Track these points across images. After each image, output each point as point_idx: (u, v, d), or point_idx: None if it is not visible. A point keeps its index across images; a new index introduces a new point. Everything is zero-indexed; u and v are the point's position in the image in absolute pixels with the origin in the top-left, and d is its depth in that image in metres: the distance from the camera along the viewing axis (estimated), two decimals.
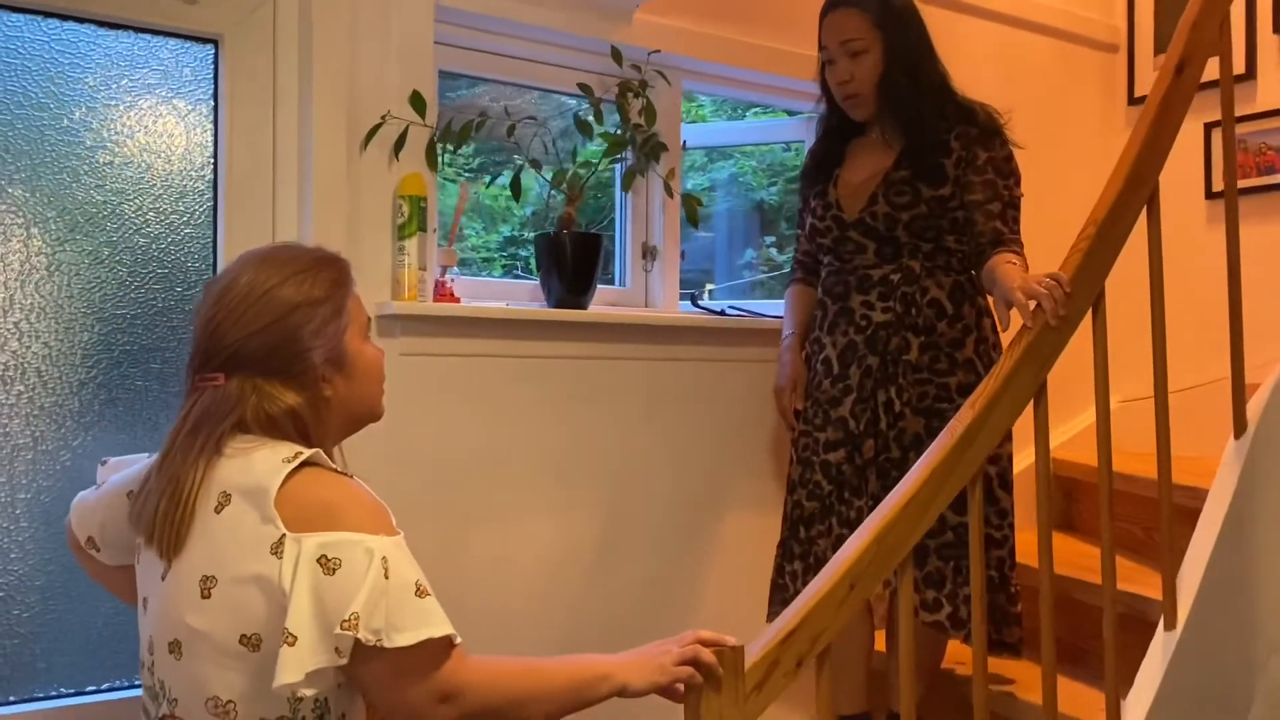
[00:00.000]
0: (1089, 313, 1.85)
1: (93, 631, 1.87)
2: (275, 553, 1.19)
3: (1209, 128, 3.00)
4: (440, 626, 1.21)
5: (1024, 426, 2.72)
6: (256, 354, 1.28)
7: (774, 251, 3.63)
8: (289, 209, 2.03)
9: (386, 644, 1.17)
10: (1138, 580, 2.34)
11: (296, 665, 1.15)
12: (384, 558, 1.20)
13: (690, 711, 1.41)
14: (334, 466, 1.29)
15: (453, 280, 2.18)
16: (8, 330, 1.83)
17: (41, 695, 1.85)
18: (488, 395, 2.20)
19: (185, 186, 2.00)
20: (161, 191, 1.98)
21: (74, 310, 1.89)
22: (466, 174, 2.66)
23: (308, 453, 1.25)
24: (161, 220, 1.97)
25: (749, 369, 2.52)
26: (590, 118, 2.28)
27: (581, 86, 2.31)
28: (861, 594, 1.56)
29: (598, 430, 2.33)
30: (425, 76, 2.13)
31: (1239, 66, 2.96)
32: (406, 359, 2.10)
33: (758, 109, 3.10)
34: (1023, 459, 3.05)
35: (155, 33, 1.97)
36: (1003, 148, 2.14)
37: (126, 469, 1.41)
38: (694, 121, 3.39)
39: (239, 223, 2.01)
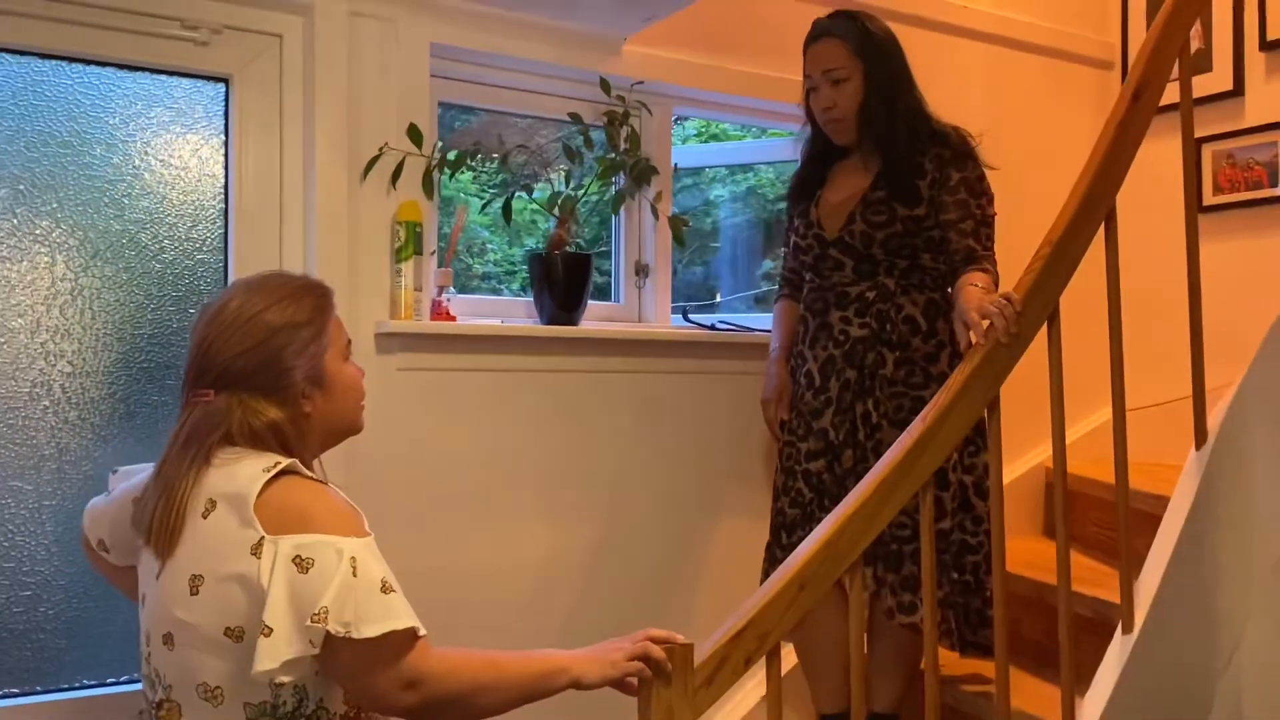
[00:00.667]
0: (1045, 328, 1.94)
1: (112, 627, 2.03)
2: (255, 553, 1.31)
3: (1199, 143, 3.06)
4: (403, 620, 1.32)
5: (1019, 437, 2.81)
6: (243, 372, 1.41)
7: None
8: (295, 235, 2.18)
9: (355, 635, 1.29)
10: (1111, 586, 2.40)
11: (273, 654, 1.27)
12: (353, 557, 1.31)
13: (643, 704, 1.52)
14: (310, 475, 1.41)
15: (449, 299, 2.31)
16: (35, 350, 2.00)
17: (66, 686, 2.00)
18: (483, 408, 2.33)
19: (198, 215, 2.15)
20: (176, 220, 2.13)
21: (96, 331, 2.05)
22: (492, 189, 2.78)
23: (285, 462, 1.38)
24: (176, 247, 2.13)
25: (738, 381, 2.63)
26: (580, 145, 2.41)
27: (572, 115, 2.44)
28: (810, 595, 1.66)
29: (590, 440, 2.45)
30: (422, 110, 2.27)
31: (1226, 83, 3.02)
32: (404, 373, 2.24)
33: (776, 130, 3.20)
34: (1016, 468, 3.14)
35: (171, 73, 2.12)
36: (975, 168, 2.23)
37: (133, 477, 1.55)
38: (713, 138, 3.50)
39: (248, 249, 2.16)
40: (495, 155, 2.48)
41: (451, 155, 2.31)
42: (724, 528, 2.63)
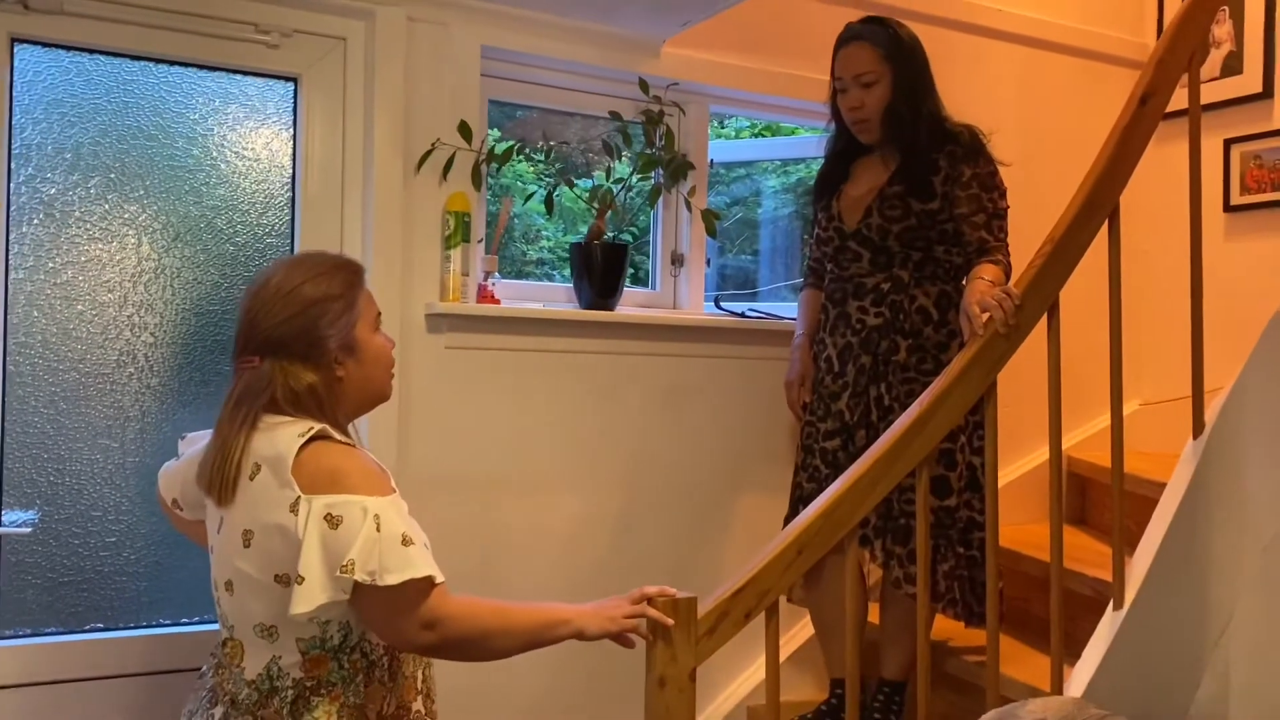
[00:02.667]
0: (1044, 321, 2.06)
1: (184, 573, 2.25)
2: (293, 510, 1.49)
3: (1228, 144, 3.13)
4: (421, 569, 1.50)
5: (1039, 426, 2.92)
6: (283, 340, 1.59)
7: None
8: (354, 222, 2.38)
9: (379, 583, 1.47)
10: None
11: (308, 599, 1.47)
12: (376, 515, 1.49)
13: (650, 650, 1.70)
14: (341, 439, 1.59)
15: (495, 283, 2.50)
16: (122, 322, 2.23)
17: (144, 624, 2.24)
18: (523, 385, 2.52)
19: (268, 203, 2.37)
20: (248, 207, 2.35)
21: (175, 307, 2.27)
22: (548, 177, 2.96)
23: (317, 428, 1.56)
24: (248, 231, 2.34)
25: (765, 366, 2.78)
26: (619, 141, 2.58)
27: (612, 113, 2.61)
28: (808, 559, 1.82)
29: (622, 418, 2.63)
30: (472, 108, 2.45)
31: (1256, 86, 3.09)
32: (451, 351, 2.43)
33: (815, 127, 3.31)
34: (1036, 457, 3.25)
35: (245, 73, 2.33)
36: (987, 164, 2.36)
37: (197, 443, 1.74)
38: (769, 128, 3.63)
39: (312, 234, 2.36)
40: (540, 149, 2.65)
41: (499, 150, 2.50)
42: (746, 503, 2.79)
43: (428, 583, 1.51)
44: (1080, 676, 2.09)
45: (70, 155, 2.18)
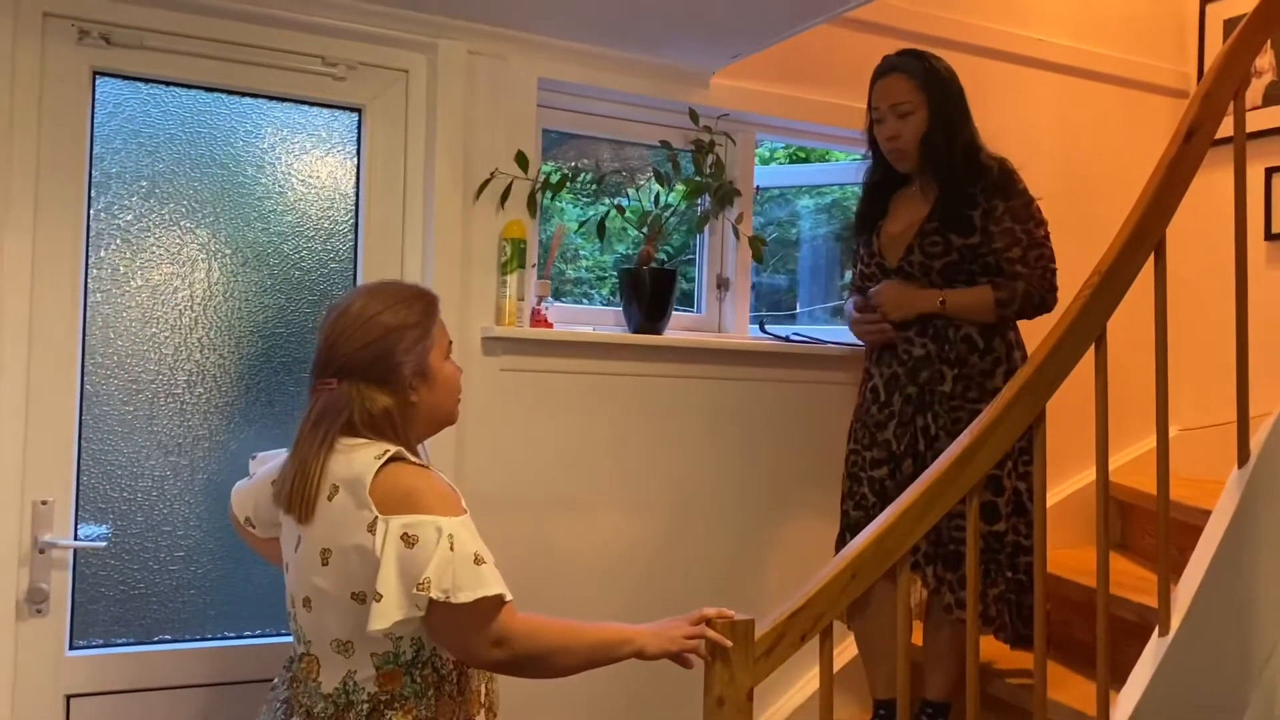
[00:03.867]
0: (1091, 349, 2.10)
1: (250, 587, 2.33)
2: (371, 530, 1.55)
3: (1269, 172, 3.16)
4: (493, 587, 1.56)
5: (1081, 452, 2.94)
6: (361, 365, 1.66)
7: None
8: (414, 248, 2.46)
9: (453, 600, 1.53)
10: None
11: (384, 616, 1.52)
12: (450, 535, 1.55)
13: (709, 670, 1.75)
14: (415, 460, 1.65)
15: (547, 308, 2.57)
16: (193, 344, 2.31)
17: (211, 636, 2.31)
18: (574, 406, 2.58)
19: (332, 230, 2.45)
20: (314, 234, 2.43)
21: (243, 329, 2.35)
22: (586, 199, 3.03)
23: (393, 450, 1.62)
24: (313, 257, 2.42)
25: (810, 390, 2.83)
26: (669, 170, 2.64)
27: (663, 143, 2.67)
28: (861, 584, 1.87)
29: (669, 440, 2.69)
30: (528, 138, 2.53)
31: None
32: (506, 374, 2.50)
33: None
34: (1077, 481, 3.28)
35: (312, 104, 2.42)
36: (1019, 195, 2.41)
37: (270, 462, 1.81)
38: (801, 152, 3.69)
39: (375, 259, 2.44)
40: (590, 173, 2.72)
41: (554, 178, 2.57)
42: (790, 526, 2.84)
43: (498, 601, 1.57)
44: (1126, 701, 2.12)
45: (146, 183, 2.27)
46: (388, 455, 1.61)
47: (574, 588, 2.58)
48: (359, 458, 1.61)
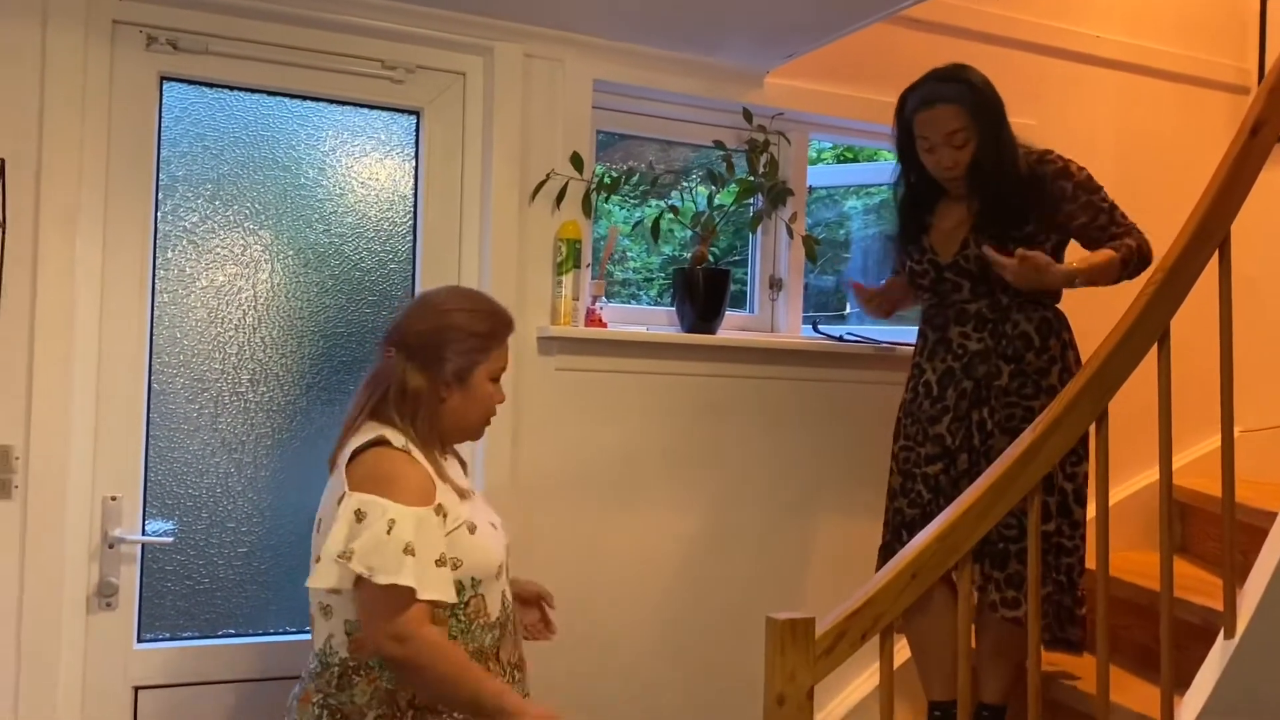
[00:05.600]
0: (1154, 348, 2.08)
1: None
2: (339, 502, 1.68)
3: None
4: (407, 578, 1.63)
5: (1138, 454, 2.90)
6: (416, 343, 1.79)
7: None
8: (472, 249, 2.48)
9: (372, 578, 1.62)
10: (1221, 596, 2.50)
11: (318, 577, 1.66)
12: (393, 519, 1.64)
13: (769, 668, 1.75)
14: (401, 448, 1.72)
15: (602, 307, 2.58)
16: (256, 343, 2.35)
17: (273, 631, 2.35)
18: (628, 405, 2.59)
19: (391, 231, 2.48)
20: (374, 235, 2.46)
21: (305, 329, 2.39)
22: (633, 200, 3.05)
23: (377, 435, 1.72)
24: (373, 258, 2.46)
25: (864, 390, 2.82)
26: (722, 170, 2.65)
27: (716, 143, 2.68)
28: (922, 583, 1.86)
29: (721, 439, 2.69)
30: (583, 139, 2.54)
31: None
32: (561, 373, 2.52)
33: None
34: (1134, 484, 3.23)
35: (371, 107, 2.45)
36: (1080, 171, 2.39)
37: None
38: (850, 151, 3.68)
39: (433, 260, 2.47)
40: (643, 173, 2.73)
41: (608, 179, 2.58)
42: (843, 526, 2.83)
43: (409, 594, 1.63)
44: (1191, 705, 2.09)
45: (211, 186, 2.31)
46: (374, 439, 1.72)
47: (626, 584, 2.59)
48: (357, 440, 1.75)
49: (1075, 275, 2.33)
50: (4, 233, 2.04)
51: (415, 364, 1.77)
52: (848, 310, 3.68)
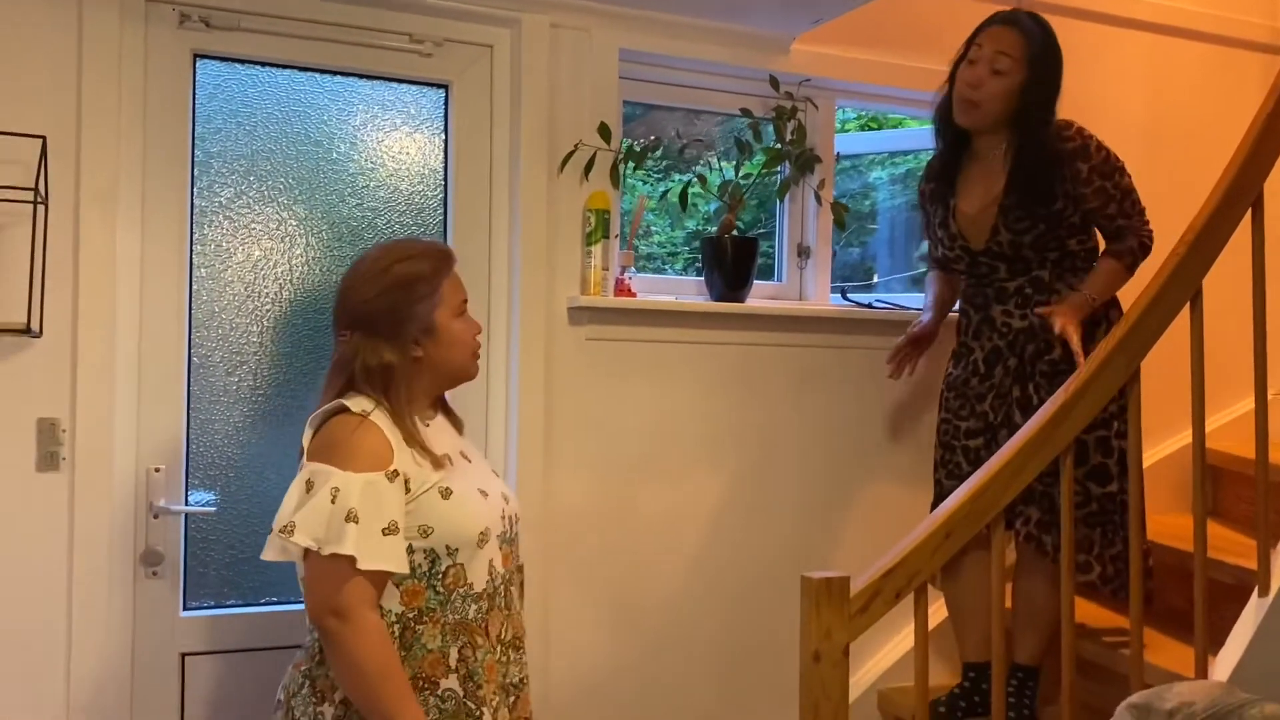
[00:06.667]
0: (1187, 309, 2.07)
1: None
2: (298, 473, 1.67)
3: None
4: (349, 547, 1.56)
5: (1170, 416, 2.89)
6: (369, 317, 1.72)
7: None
8: (502, 220, 2.51)
9: (317, 550, 1.58)
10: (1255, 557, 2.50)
11: (268, 549, 1.63)
12: (336, 487, 1.60)
13: (805, 627, 1.77)
14: (360, 412, 1.67)
15: (631, 277, 2.60)
16: (292, 316, 2.38)
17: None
18: (658, 375, 2.61)
19: (422, 204, 2.50)
20: (405, 208, 2.49)
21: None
22: (656, 174, 3.06)
23: (336, 404, 1.69)
24: (404, 231, 2.48)
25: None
26: (750, 138, 2.65)
27: (743, 111, 2.68)
28: (956, 542, 1.87)
29: (752, 407, 2.70)
30: (611, 109, 2.55)
31: None
32: (591, 343, 2.54)
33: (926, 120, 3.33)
34: (1167, 447, 3.22)
35: (401, 81, 2.47)
36: (1098, 152, 2.36)
37: None
38: (875, 120, 3.66)
39: (463, 232, 2.49)
40: (668, 145, 2.73)
41: (635, 149, 2.59)
42: (872, 492, 2.84)
43: (349, 564, 1.57)
44: (1225, 662, 2.10)
45: (245, 162, 2.34)
46: (336, 406, 1.69)
47: (659, 552, 2.62)
48: (324, 413, 1.71)
49: (1092, 300, 2.36)
50: (46, 210, 2.08)
51: (379, 337, 1.71)
52: (875, 279, 3.68)
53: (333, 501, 1.59)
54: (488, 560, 1.74)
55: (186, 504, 2.28)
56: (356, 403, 1.70)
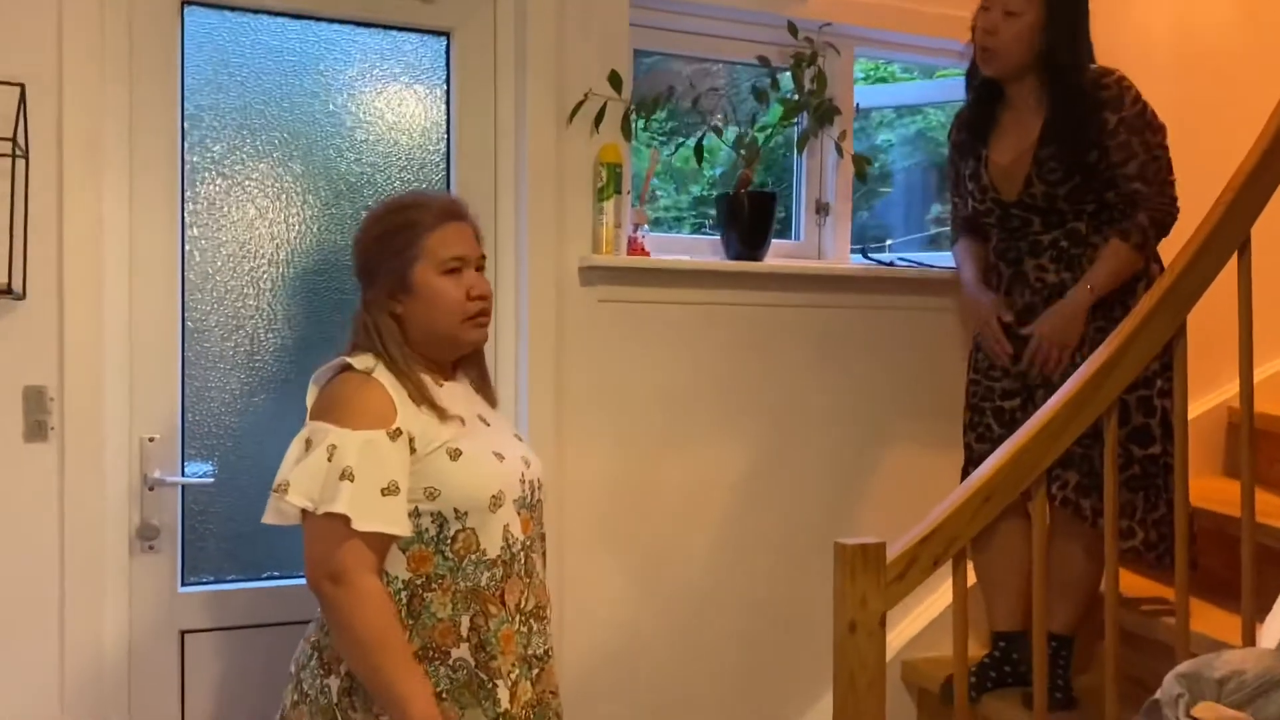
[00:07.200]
0: (1235, 258, 1.96)
1: None
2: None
3: None
4: (342, 506, 1.51)
5: (1200, 375, 2.79)
6: (361, 270, 1.73)
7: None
8: (508, 176, 2.39)
9: (313, 509, 1.54)
10: None
11: (268, 513, 1.61)
12: (333, 445, 1.54)
13: (839, 596, 1.68)
14: (364, 369, 1.62)
15: (644, 236, 2.48)
16: (290, 277, 2.27)
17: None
18: (674, 337, 2.50)
19: (424, 159, 2.38)
20: (406, 163, 2.37)
21: (339, 261, 2.29)
22: (660, 138, 2.94)
23: (352, 358, 1.65)
24: (405, 186, 2.36)
25: (915, 316, 2.72)
26: (767, 87, 2.53)
27: (760, 59, 2.55)
28: (995, 506, 1.77)
29: (771, 370, 2.60)
30: (622, 57, 2.43)
31: None
32: (605, 304, 2.43)
33: (946, 70, 3.22)
34: (1197, 407, 3.10)
35: (399, 29, 2.34)
36: (1133, 105, 2.22)
37: None
38: (880, 81, 3.54)
39: (468, 188, 2.37)
40: (679, 97, 2.60)
41: (648, 100, 2.47)
42: (896, 456, 2.74)
43: (344, 524, 1.51)
44: (1273, 629, 2.00)
45: (238, 115, 2.22)
46: (341, 363, 1.66)
47: (676, 519, 2.52)
48: (329, 370, 1.69)
49: (1091, 291, 2.23)
50: (27, 164, 1.96)
51: (366, 292, 1.71)
52: (888, 242, 3.57)
53: (329, 460, 1.54)
54: (503, 525, 1.65)
55: (183, 475, 2.18)
56: (360, 360, 1.64)
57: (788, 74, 2.57)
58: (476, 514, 1.62)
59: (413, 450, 1.60)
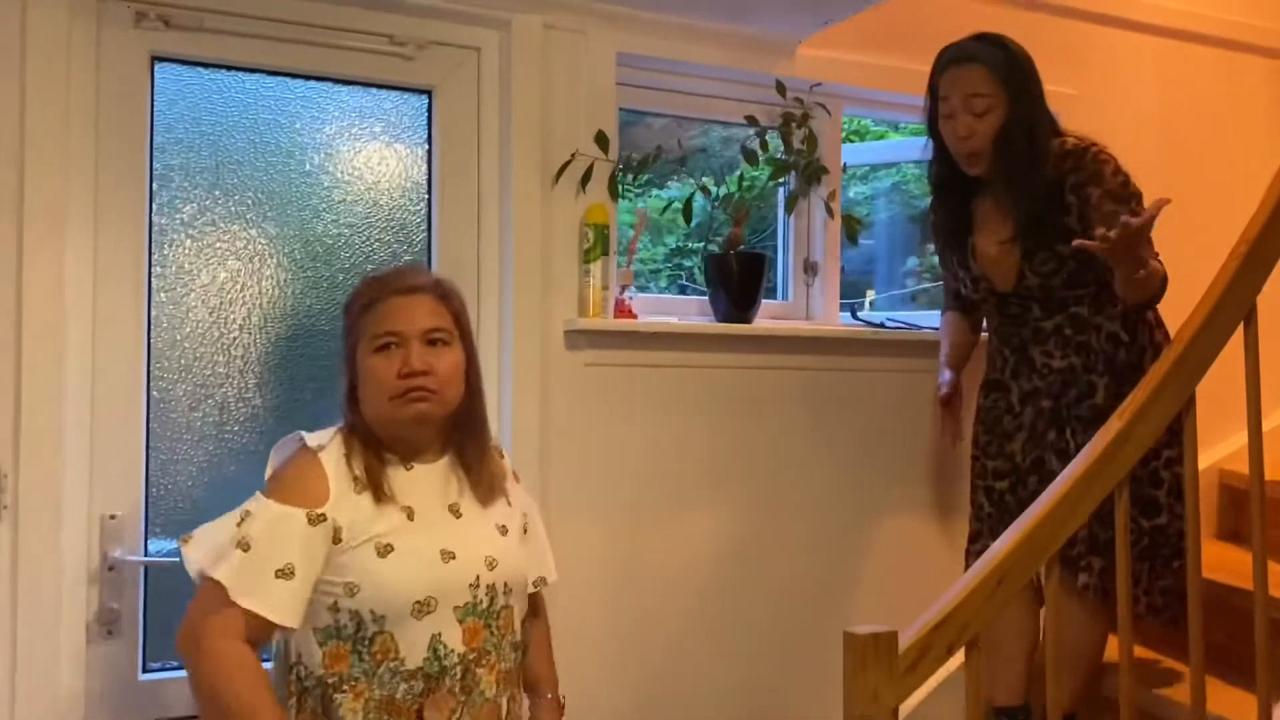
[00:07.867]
0: (1241, 327, 1.92)
1: None
2: None
3: None
4: (222, 574, 1.48)
5: (1203, 431, 2.74)
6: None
7: (936, 259, 3.72)
8: (491, 238, 2.31)
9: (200, 570, 1.52)
10: None
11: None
12: (248, 511, 1.54)
13: (848, 688, 1.58)
14: (314, 446, 1.61)
15: (631, 298, 2.41)
16: (263, 344, 2.17)
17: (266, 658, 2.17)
18: (663, 401, 2.42)
19: (404, 220, 2.30)
20: (385, 224, 2.28)
21: (315, 327, 2.21)
22: (636, 189, 2.88)
23: (304, 433, 1.64)
24: (385, 249, 2.28)
25: (906, 379, 2.66)
26: (756, 146, 2.47)
27: (748, 119, 2.51)
28: (1010, 588, 1.69)
29: (761, 434, 2.52)
30: (608, 117, 2.37)
31: None
32: (591, 368, 2.34)
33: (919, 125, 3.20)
34: (1201, 463, 3.07)
35: (380, 86, 2.27)
36: (1114, 176, 2.15)
37: None
38: (856, 133, 3.51)
39: (449, 251, 2.29)
40: (665, 157, 2.54)
41: (633, 160, 2.41)
42: (887, 523, 2.66)
43: (224, 594, 1.47)
44: None
45: (209, 175, 2.13)
46: (296, 439, 1.65)
47: (664, 592, 2.42)
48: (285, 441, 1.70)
49: (1143, 271, 2.02)
50: None
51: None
52: (869, 296, 3.53)
53: (238, 525, 1.52)
54: (430, 634, 1.54)
55: (146, 554, 2.05)
56: (317, 436, 1.61)
57: (775, 132, 2.52)
58: (395, 619, 1.53)
59: (337, 540, 1.53)
